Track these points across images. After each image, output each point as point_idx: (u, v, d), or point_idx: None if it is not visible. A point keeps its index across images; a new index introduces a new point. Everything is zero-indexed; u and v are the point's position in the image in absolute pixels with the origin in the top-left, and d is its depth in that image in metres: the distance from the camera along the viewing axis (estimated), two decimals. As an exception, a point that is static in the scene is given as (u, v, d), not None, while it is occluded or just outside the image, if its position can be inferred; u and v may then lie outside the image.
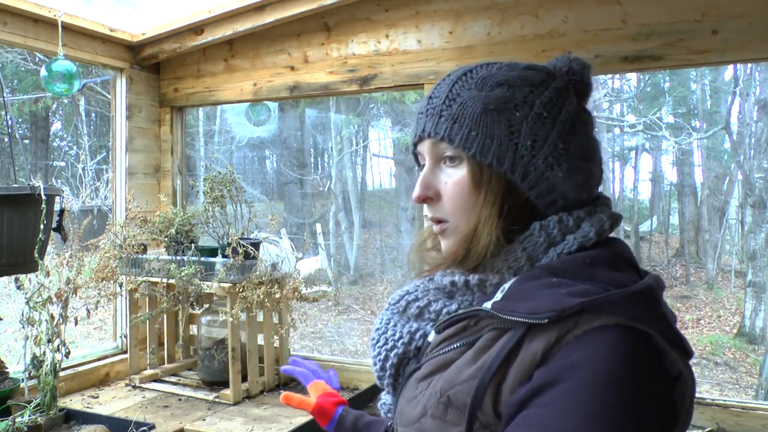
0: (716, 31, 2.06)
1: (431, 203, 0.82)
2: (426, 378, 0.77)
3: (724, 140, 13.37)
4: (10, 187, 1.80)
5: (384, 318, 0.90)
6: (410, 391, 0.79)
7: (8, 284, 2.72)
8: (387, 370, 0.85)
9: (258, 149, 13.28)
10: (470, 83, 0.80)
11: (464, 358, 0.74)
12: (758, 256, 9.38)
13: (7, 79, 10.08)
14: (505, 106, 0.78)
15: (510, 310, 0.70)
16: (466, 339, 0.76)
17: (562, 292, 0.68)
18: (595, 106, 11.30)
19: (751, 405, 2.15)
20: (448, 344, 0.77)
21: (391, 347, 0.85)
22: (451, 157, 0.80)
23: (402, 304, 0.88)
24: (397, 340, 0.85)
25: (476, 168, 0.78)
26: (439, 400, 0.73)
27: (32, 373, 2.00)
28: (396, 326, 0.87)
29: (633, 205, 16.01)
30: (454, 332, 0.77)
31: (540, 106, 0.79)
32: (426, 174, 0.82)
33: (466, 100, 0.78)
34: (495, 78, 0.80)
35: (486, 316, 0.74)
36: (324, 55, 2.69)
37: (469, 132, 0.77)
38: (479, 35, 2.38)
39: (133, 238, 2.57)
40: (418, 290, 0.88)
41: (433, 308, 0.85)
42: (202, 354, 2.60)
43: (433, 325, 0.84)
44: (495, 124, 0.77)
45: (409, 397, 0.79)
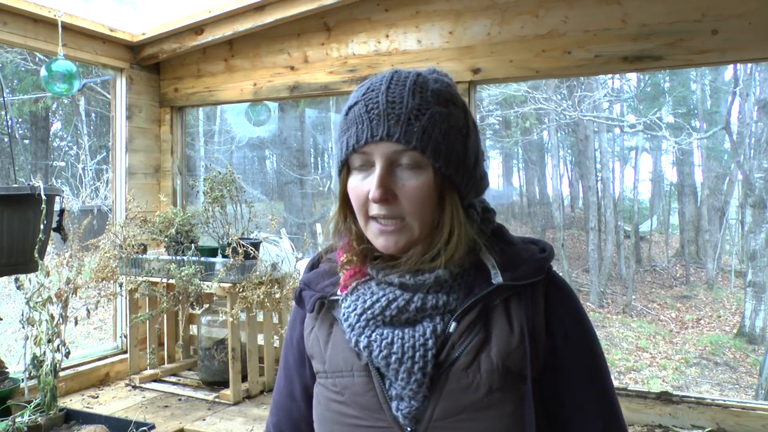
0: (716, 31, 2.06)
1: (387, 203, 0.87)
2: (473, 363, 0.86)
3: (724, 140, 13.38)
4: (10, 187, 1.80)
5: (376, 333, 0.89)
6: (460, 382, 0.86)
7: (8, 284, 2.72)
8: (427, 374, 0.86)
9: (258, 149, 13.28)
10: (427, 95, 0.88)
11: (500, 330, 0.88)
12: (758, 256, 9.38)
13: (7, 79, 10.08)
14: (458, 123, 0.90)
15: (520, 277, 0.89)
16: (483, 316, 0.89)
17: (534, 253, 0.94)
18: (595, 106, 11.30)
19: (751, 405, 2.15)
20: (473, 327, 0.88)
21: (424, 353, 0.86)
22: (408, 165, 0.86)
23: (388, 314, 0.89)
24: (425, 344, 0.87)
25: (439, 177, 0.87)
26: (501, 373, 0.86)
27: (32, 373, 2.00)
28: (402, 335, 0.88)
29: (633, 205, 16.02)
30: (475, 315, 0.88)
31: (473, 126, 0.93)
32: (384, 176, 0.86)
33: (434, 114, 0.87)
34: (443, 95, 0.90)
35: (494, 291, 0.89)
36: (324, 55, 2.69)
37: (438, 145, 0.86)
38: (479, 35, 2.38)
39: (133, 238, 2.57)
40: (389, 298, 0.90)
41: (429, 305, 0.89)
42: (202, 354, 2.60)
43: (442, 318, 0.89)
44: (455, 140, 0.88)
45: (462, 387, 0.86)
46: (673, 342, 10.05)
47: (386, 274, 0.92)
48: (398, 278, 0.90)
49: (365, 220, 0.90)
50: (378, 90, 0.88)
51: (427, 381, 0.86)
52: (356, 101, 0.89)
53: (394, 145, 0.85)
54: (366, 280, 0.94)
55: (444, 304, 0.89)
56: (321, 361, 0.96)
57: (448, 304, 0.89)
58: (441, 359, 0.87)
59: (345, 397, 0.91)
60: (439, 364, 0.87)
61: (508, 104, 12.33)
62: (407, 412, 0.87)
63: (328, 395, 0.94)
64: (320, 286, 0.99)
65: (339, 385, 0.92)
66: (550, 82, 10.37)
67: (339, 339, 0.94)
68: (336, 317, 0.96)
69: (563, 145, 17.53)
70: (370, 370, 0.90)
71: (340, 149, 0.90)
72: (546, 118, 13.08)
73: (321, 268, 1.04)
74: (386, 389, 0.89)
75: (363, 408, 0.90)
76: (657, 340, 10.09)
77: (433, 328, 0.88)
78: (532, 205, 18.93)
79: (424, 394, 0.87)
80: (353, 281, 0.95)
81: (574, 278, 12.93)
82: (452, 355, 0.87)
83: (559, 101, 10.88)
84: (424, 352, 0.86)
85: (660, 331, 10.48)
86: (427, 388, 0.86)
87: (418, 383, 0.86)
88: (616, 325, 10.71)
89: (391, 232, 0.88)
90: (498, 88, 10.97)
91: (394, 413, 0.88)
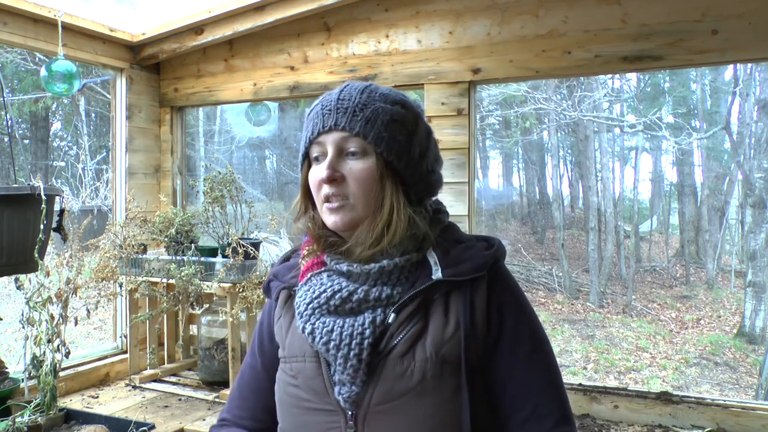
0: (716, 31, 2.06)
1: (336, 184, 0.97)
2: (408, 352, 0.93)
3: (724, 140, 13.37)
4: (10, 187, 1.80)
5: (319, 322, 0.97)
6: (395, 369, 0.93)
7: (8, 284, 2.72)
8: (363, 361, 0.93)
9: (258, 149, 13.28)
10: (375, 96, 1.00)
11: (436, 323, 0.95)
12: (758, 256, 9.38)
13: (7, 79, 10.08)
14: (404, 120, 1.01)
15: (460, 273, 0.97)
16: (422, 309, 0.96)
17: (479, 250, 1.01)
18: (594, 106, 11.30)
19: (751, 405, 2.16)
20: (412, 319, 0.95)
21: (361, 341, 0.94)
22: (354, 152, 0.97)
23: (332, 303, 0.97)
24: (363, 333, 0.94)
25: (381, 162, 0.97)
26: (435, 362, 0.92)
27: (32, 373, 2.00)
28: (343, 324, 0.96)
29: (633, 205, 16.01)
30: (414, 307, 0.95)
31: (424, 129, 1.04)
32: (333, 160, 0.98)
33: (378, 108, 0.98)
34: (393, 97, 1.02)
35: (435, 285, 0.96)
36: (324, 55, 2.69)
37: (380, 133, 0.97)
38: (479, 35, 2.38)
39: (133, 238, 2.57)
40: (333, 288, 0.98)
41: (372, 296, 0.97)
42: (202, 354, 2.60)
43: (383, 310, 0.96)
44: (398, 132, 0.99)
45: (397, 374, 0.93)
46: (673, 342, 10.04)
47: (337, 262, 1.01)
48: (347, 267, 0.99)
49: (321, 203, 1.00)
50: (333, 93, 1.02)
51: (363, 367, 0.93)
52: (316, 104, 1.03)
53: (341, 132, 0.97)
54: (320, 271, 1.03)
55: (387, 297, 0.97)
56: (283, 347, 1.05)
57: (391, 296, 0.97)
58: (381, 348, 0.94)
59: (299, 381, 1.00)
60: (379, 352, 0.94)
61: (508, 104, 12.33)
62: (347, 396, 0.94)
63: (286, 379, 1.03)
64: (286, 278, 1.09)
65: (294, 369, 1.01)
66: (550, 82, 10.37)
67: (296, 327, 1.02)
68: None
69: (563, 145, 17.53)
70: (319, 356, 0.98)
71: (302, 144, 1.03)
72: (546, 118, 13.08)
73: (291, 261, 1.13)
74: (331, 374, 0.96)
75: (313, 391, 0.98)
76: (657, 340, 10.08)
77: (373, 319, 0.95)
78: (532, 205, 18.92)
79: (362, 379, 0.94)
80: (309, 273, 1.04)
81: (574, 278, 12.93)
82: (390, 344, 0.94)
83: (559, 101, 10.88)
84: (361, 340, 0.93)
85: (660, 331, 10.47)
86: (365, 374, 0.94)
87: (354, 369, 0.93)
88: (616, 325, 10.70)
89: (337, 209, 0.98)
90: (498, 88, 10.96)
91: (336, 397, 0.95)
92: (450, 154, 2.40)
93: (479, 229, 12.55)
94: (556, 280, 12.68)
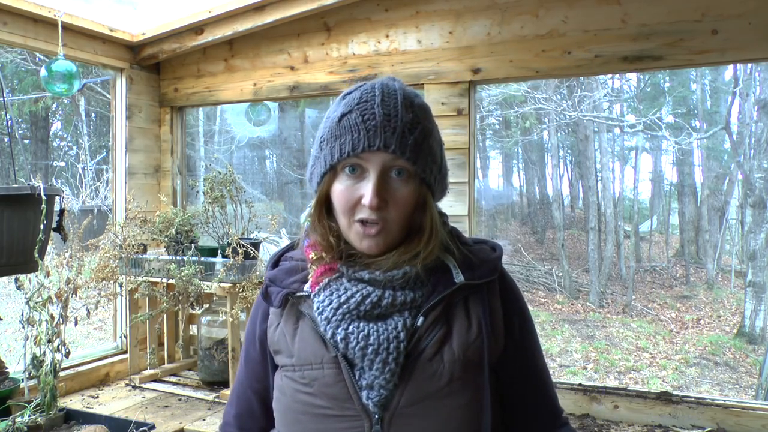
0: (716, 31, 2.06)
1: (380, 210, 0.93)
2: (437, 354, 0.94)
3: (724, 140, 13.37)
4: (10, 187, 1.80)
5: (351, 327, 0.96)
6: (425, 371, 0.94)
7: (8, 284, 2.71)
8: (399, 364, 0.94)
9: (258, 149, 13.28)
10: (417, 110, 0.96)
11: (460, 325, 0.97)
12: (758, 256, 9.38)
13: (7, 79, 10.07)
14: (438, 136, 1.00)
15: (479, 277, 0.99)
16: (446, 312, 0.98)
17: (486, 252, 1.04)
18: (594, 106, 11.30)
19: (751, 405, 2.16)
20: (438, 322, 0.96)
21: (397, 345, 0.94)
22: (400, 171, 0.94)
23: (362, 309, 0.96)
24: (398, 336, 0.95)
25: (420, 184, 0.96)
26: (462, 363, 0.94)
27: (32, 373, 2.00)
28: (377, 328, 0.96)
29: (633, 205, 16.01)
30: (439, 312, 0.97)
31: (440, 137, 1.02)
32: (379, 184, 0.93)
33: (424, 129, 0.96)
34: (427, 110, 0.99)
35: (457, 289, 0.97)
36: (324, 55, 2.69)
37: (426, 156, 0.95)
38: (479, 35, 2.38)
39: (133, 238, 2.57)
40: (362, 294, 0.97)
41: (398, 301, 0.97)
42: (202, 354, 2.60)
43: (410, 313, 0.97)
44: (437, 152, 0.98)
45: (427, 376, 0.94)
46: (673, 342, 10.04)
47: (356, 271, 0.98)
48: (368, 275, 0.97)
49: (350, 221, 0.96)
50: (372, 102, 0.94)
51: (398, 370, 0.94)
52: (349, 110, 0.95)
53: (390, 155, 0.92)
54: (337, 276, 1.00)
55: (411, 301, 0.97)
56: (288, 355, 1.01)
57: (415, 300, 0.97)
58: (409, 350, 0.95)
59: (314, 389, 0.97)
60: (408, 354, 0.94)
61: (508, 104, 12.32)
62: (377, 401, 0.93)
63: (295, 387, 0.99)
64: (286, 283, 1.05)
65: (308, 377, 0.98)
66: (550, 82, 10.37)
67: (307, 333, 1.00)
68: (303, 312, 1.01)
69: (563, 145, 17.52)
70: (339, 362, 0.95)
71: (330, 153, 0.95)
72: (546, 118, 13.08)
73: (284, 265, 1.09)
74: (356, 380, 0.95)
75: (332, 398, 0.95)
76: (657, 340, 10.08)
77: (404, 323, 0.96)
78: (532, 205, 18.92)
79: (394, 382, 0.94)
80: (324, 278, 1.00)
81: (575, 278, 12.93)
82: (419, 347, 0.95)
83: (559, 101, 10.87)
84: (398, 343, 0.94)
85: (660, 331, 10.47)
86: (398, 377, 0.94)
87: (391, 372, 0.93)
88: (616, 325, 10.70)
89: (374, 235, 0.95)
90: (498, 88, 10.96)
91: (364, 402, 0.94)
92: (450, 154, 2.40)
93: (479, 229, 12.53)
94: (556, 280, 12.68)
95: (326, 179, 0.98)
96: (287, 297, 1.03)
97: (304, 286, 1.03)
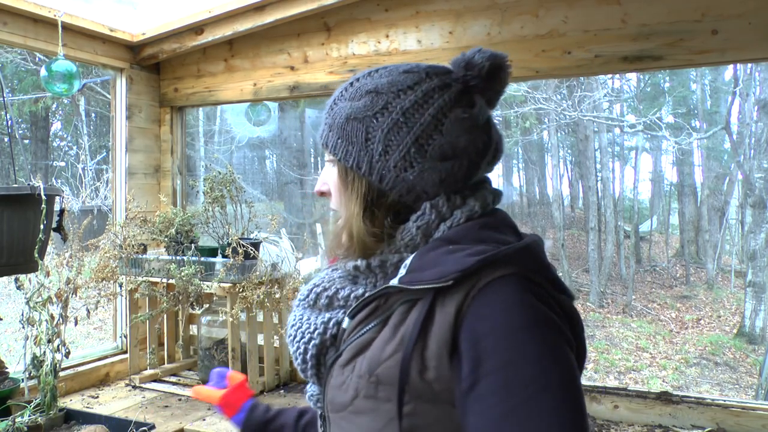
0: (716, 31, 2.06)
1: (327, 197, 0.94)
2: (349, 362, 0.82)
3: (724, 140, 13.38)
4: (10, 187, 1.80)
5: (297, 314, 0.93)
6: (337, 378, 0.83)
7: (8, 284, 2.71)
8: (308, 362, 0.88)
9: (258, 149, 13.28)
10: (347, 94, 0.89)
11: (382, 336, 0.79)
12: (758, 256, 9.38)
13: (7, 79, 10.07)
14: (365, 114, 0.86)
15: (417, 280, 0.77)
16: (379, 318, 0.81)
17: (461, 255, 0.77)
18: (594, 106, 11.30)
19: (751, 405, 2.15)
20: (363, 326, 0.82)
21: (308, 340, 0.88)
22: (330, 159, 0.92)
23: (312, 297, 0.92)
24: (313, 332, 0.88)
25: (342, 170, 0.89)
26: (368, 381, 0.78)
27: (32, 373, 2.00)
28: (309, 319, 0.90)
29: (633, 205, 16.02)
30: (367, 314, 0.82)
31: (398, 112, 0.84)
32: (322, 173, 0.94)
33: (338, 110, 0.89)
34: (366, 87, 0.87)
35: (395, 293, 0.80)
36: (324, 55, 2.69)
37: (337, 139, 0.88)
38: (479, 35, 2.38)
39: (133, 238, 2.57)
40: (324, 281, 0.93)
41: (341, 295, 0.89)
42: (202, 354, 2.60)
43: (345, 311, 0.87)
44: (355, 132, 0.86)
45: (337, 384, 0.83)
46: (673, 342, 10.05)
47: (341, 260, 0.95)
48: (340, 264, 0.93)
49: None
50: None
51: (310, 368, 0.88)
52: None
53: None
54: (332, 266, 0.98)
55: (356, 297, 0.87)
56: None
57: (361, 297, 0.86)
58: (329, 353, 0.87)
59: None
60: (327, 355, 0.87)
61: (508, 104, 12.33)
62: (311, 395, 0.93)
63: None
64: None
65: None
66: (550, 82, 10.37)
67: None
68: None
69: (563, 145, 17.53)
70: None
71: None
72: (546, 118, 13.09)
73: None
74: None
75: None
76: (657, 340, 10.09)
77: (329, 319, 0.88)
78: (532, 205, 18.93)
79: (313, 381, 0.89)
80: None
81: (574, 278, 12.94)
82: (340, 350, 0.85)
83: (559, 101, 10.88)
84: (309, 338, 0.87)
85: (660, 331, 10.48)
86: (315, 376, 0.88)
87: (301, 369, 0.89)
88: (616, 325, 10.71)
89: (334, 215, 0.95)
90: (498, 88, 10.94)
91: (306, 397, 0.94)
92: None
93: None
94: (555, 280, 12.66)
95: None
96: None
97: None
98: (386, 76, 0.87)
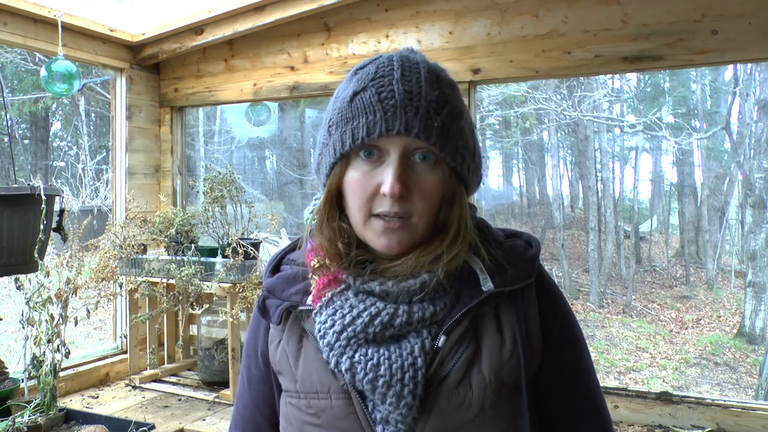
0: (716, 31, 2.06)
1: (401, 200, 0.78)
2: (463, 379, 0.79)
3: (724, 140, 13.38)
4: (10, 187, 1.80)
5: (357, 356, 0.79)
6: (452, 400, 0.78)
7: (8, 284, 2.71)
8: (417, 397, 0.78)
9: (258, 149, 13.28)
10: (444, 85, 0.81)
11: (490, 342, 0.81)
12: (758, 256, 9.38)
13: (7, 79, 10.07)
14: (468, 117, 0.84)
15: (510, 283, 0.82)
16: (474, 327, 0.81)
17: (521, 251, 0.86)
18: (594, 106, 11.30)
19: (751, 405, 2.15)
20: (463, 340, 0.80)
21: (414, 374, 0.77)
22: (426, 155, 0.78)
23: (371, 331, 0.79)
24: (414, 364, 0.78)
25: (451, 176, 0.80)
26: (495, 387, 0.79)
27: (32, 373, 2.00)
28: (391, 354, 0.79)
29: (633, 205, 16.02)
30: (464, 327, 0.81)
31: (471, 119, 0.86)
32: (401, 169, 0.77)
33: (453, 108, 0.80)
34: (454, 86, 0.84)
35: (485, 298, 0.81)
36: (324, 55, 2.69)
37: (456, 142, 0.79)
38: (479, 35, 2.38)
39: (133, 238, 2.57)
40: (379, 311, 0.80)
41: (416, 317, 0.80)
42: (202, 354, 2.60)
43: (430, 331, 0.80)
44: (468, 136, 0.82)
45: (453, 405, 0.78)
46: (673, 342, 10.04)
47: (364, 281, 0.82)
48: (379, 286, 0.81)
49: (366, 216, 0.80)
50: (391, 77, 0.78)
51: (417, 403, 0.78)
52: (363, 87, 0.79)
53: (412, 140, 0.77)
54: (342, 289, 0.83)
55: (431, 315, 0.80)
56: (291, 379, 0.86)
57: (435, 314, 0.80)
58: (429, 376, 0.78)
59: (322, 420, 0.82)
60: (429, 381, 0.78)
61: (508, 104, 12.33)
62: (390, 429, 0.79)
63: (301, 417, 0.84)
64: (286, 294, 0.88)
65: (314, 407, 0.83)
66: (550, 82, 10.37)
67: (311, 356, 0.84)
68: (306, 329, 0.86)
69: (563, 145, 17.52)
70: (349, 392, 0.81)
71: (341, 140, 0.79)
72: (546, 118, 13.08)
73: (284, 271, 0.92)
74: (369, 412, 0.80)
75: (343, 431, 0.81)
76: (657, 340, 10.09)
77: (422, 344, 0.79)
78: (532, 205, 18.92)
79: (413, 416, 0.78)
80: (328, 291, 0.83)
81: (574, 278, 12.93)
82: (441, 372, 0.79)
83: (559, 101, 10.88)
84: (414, 372, 0.77)
85: (660, 331, 10.47)
86: (417, 410, 0.78)
87: (408, 407, 0.77)
88: (616, 325, 10.70)
89: (395, 230, 0.78)
90: (498, 88, 10.96)
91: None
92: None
93: (479, 229, 12.48)
94: (556, 280, 12.68)
95: (337, 170, 0.81)
96: (288, 311, 0.87)
97: (307, 297, 0.86)
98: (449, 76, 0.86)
